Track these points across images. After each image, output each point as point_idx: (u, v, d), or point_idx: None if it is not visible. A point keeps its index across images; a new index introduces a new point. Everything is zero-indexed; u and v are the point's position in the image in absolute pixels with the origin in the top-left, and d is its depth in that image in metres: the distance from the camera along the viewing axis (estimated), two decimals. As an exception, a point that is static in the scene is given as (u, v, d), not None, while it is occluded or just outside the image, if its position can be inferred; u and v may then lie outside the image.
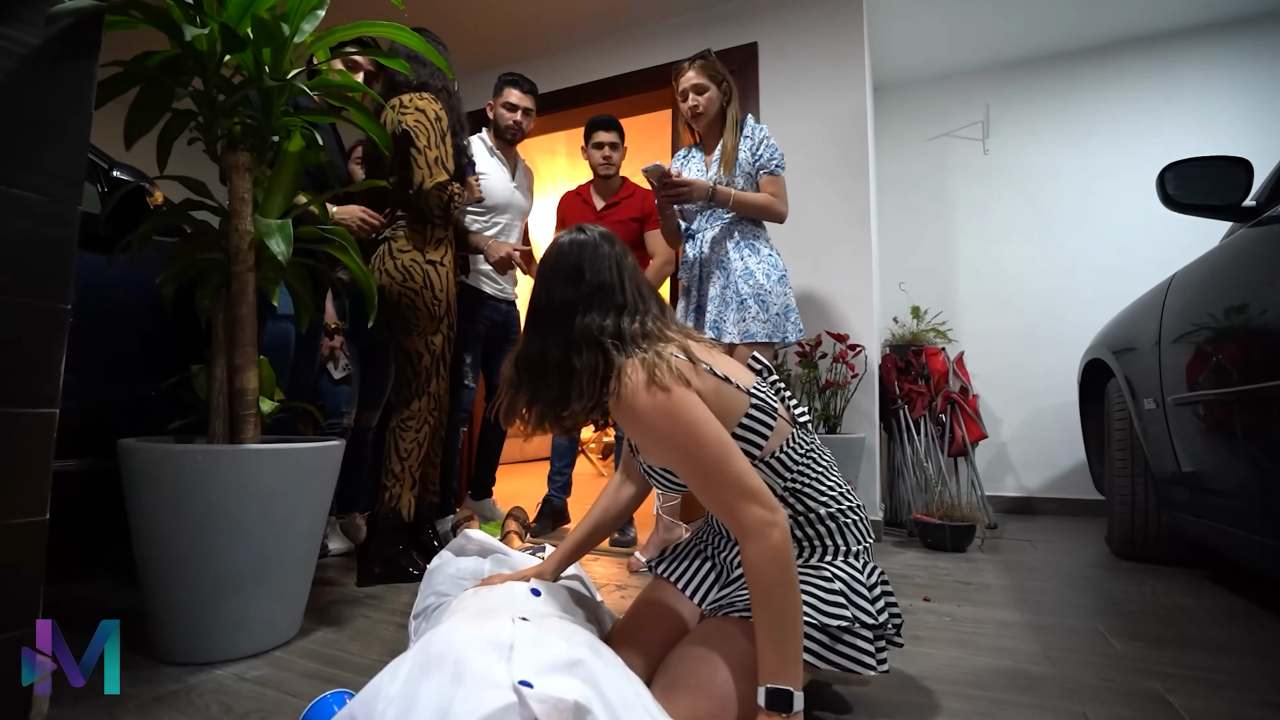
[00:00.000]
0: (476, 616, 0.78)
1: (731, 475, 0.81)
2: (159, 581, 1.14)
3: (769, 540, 0.77)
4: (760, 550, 0.77)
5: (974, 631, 1.37)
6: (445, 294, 1.80)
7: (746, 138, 1.95)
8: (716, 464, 0.81)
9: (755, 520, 0.78)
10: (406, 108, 1.75)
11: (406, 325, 1.77)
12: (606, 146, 2.50)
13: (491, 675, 0.62)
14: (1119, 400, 2.03)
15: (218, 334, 1.30)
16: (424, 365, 1.78)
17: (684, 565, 1.10)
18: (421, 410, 1.79)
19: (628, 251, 0.99)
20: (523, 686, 0.61)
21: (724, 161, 1.94)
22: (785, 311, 1.89)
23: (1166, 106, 3.04)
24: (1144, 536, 1.95)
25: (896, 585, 1.74)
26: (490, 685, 0.61)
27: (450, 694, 0.61)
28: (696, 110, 1.95)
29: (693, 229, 2.02)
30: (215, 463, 1.12)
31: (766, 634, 0.77)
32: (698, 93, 1.94)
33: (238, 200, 1.29)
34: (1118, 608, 1.55)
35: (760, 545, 0.77)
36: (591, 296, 0.92)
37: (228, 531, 1.13)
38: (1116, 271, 2.99)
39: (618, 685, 0.70)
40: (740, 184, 1.93)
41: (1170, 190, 1.40)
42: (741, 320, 1.84)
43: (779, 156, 1.94)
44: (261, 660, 1.17)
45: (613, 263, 0.95)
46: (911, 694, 1.05)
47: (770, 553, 0.77)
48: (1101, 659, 1.21)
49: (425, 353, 1.78)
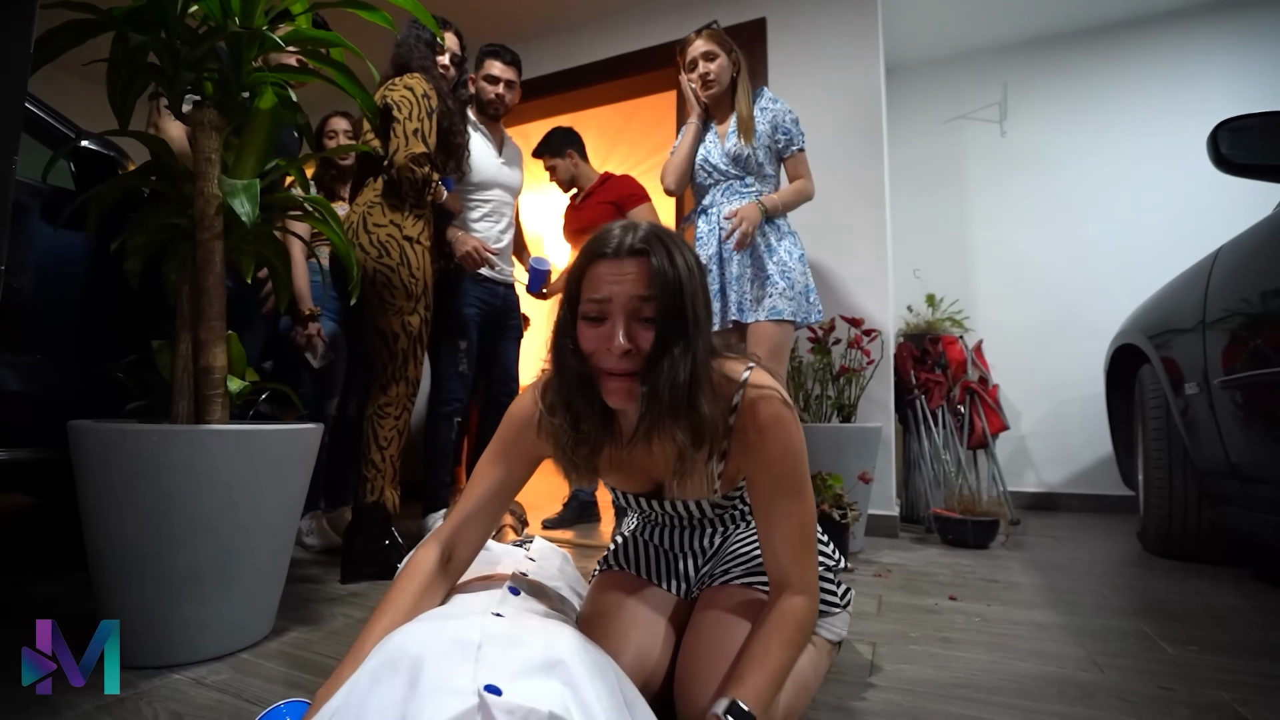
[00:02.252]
0: (444, 614, 0.67)
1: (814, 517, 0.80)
2: (111, 577, 1.03)
3: (816, 602, 0.80)
4: (810, 607, 0.78)
5: (1009, 634, 1.25)
6: (422, 272, 1.70)
7: (764, 109, 1.86)
8: (811, 500, 0.80)
9: (814, 581, 0.79)
10: (395, 85, 1.69)
11: (382, 304, 1.66)
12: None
13: (453, 680, 0.52)
14: (1154, 387, 1.90)
15: (183, 308, 1.20)
16: (400, 347, 1.67)
17: (646, 559, 1.01)
18: (400, 396, 1.69)
19: None
20: (489, 693, 0.49)
21: (743, 130, 1.82)
22: (806, 292, 1.80)
23: (1194, 85, 2.91)
24: (1182, 533, 1.82)
25: (918, 583, 1.63)
26: (451, 692, 0.50)
27: (404, 703, 0.50)
28: (708, 78, 1.84)
29: (706, 204, 1.89)
30: (172, 444, 1.01)
31: (772, 666, 0.71)
32: (708, 59, 1.84)
33: (203, 161, 1.17)
34: (1162, 609, 1.42)
35: (813, 603, 0.79)
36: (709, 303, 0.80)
37: (187, 522, 1.02)
38: (1141, 258, 2.86)
39: (603, 693, 0.59)
40: (760, 156, 1.83)
41: (1224, 150, 1.27)
42: (769, 296, 1.74)
43: (801, 134, 1.86)
44: (225, 663, 1.06)
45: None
46: (950, 703, 0.93)
47: (812, 613, 0.78)
48: (1155, 665, 1.09)
49: (402, 334, 1.68)
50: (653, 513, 0.99)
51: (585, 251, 0.75)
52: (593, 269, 0.73)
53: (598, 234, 0.75)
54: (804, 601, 0.77)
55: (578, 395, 0.77)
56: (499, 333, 2.26)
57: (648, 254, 0.71)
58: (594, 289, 0.72)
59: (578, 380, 0.76)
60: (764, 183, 1.86)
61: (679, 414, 0.72)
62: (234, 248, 1.25)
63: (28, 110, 1.43)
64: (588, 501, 2.52)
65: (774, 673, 0.71)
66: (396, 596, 0.78)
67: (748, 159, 1.83)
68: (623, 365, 0.72)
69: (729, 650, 0.77)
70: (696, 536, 1.01)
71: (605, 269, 0.72)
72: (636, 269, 0.71)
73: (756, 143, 1.83)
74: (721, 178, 1.86)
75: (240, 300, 1.64)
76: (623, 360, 0.71)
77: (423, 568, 0.82)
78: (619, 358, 0.71)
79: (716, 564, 0.95)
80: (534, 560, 1.05)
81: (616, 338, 0.70)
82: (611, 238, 0.73)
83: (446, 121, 1.78)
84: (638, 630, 0.88)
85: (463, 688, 0.51)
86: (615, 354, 0.71)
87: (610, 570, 1.01)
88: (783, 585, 0.78)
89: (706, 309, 0.76)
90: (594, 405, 0.78)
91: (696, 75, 1.86)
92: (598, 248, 0.73)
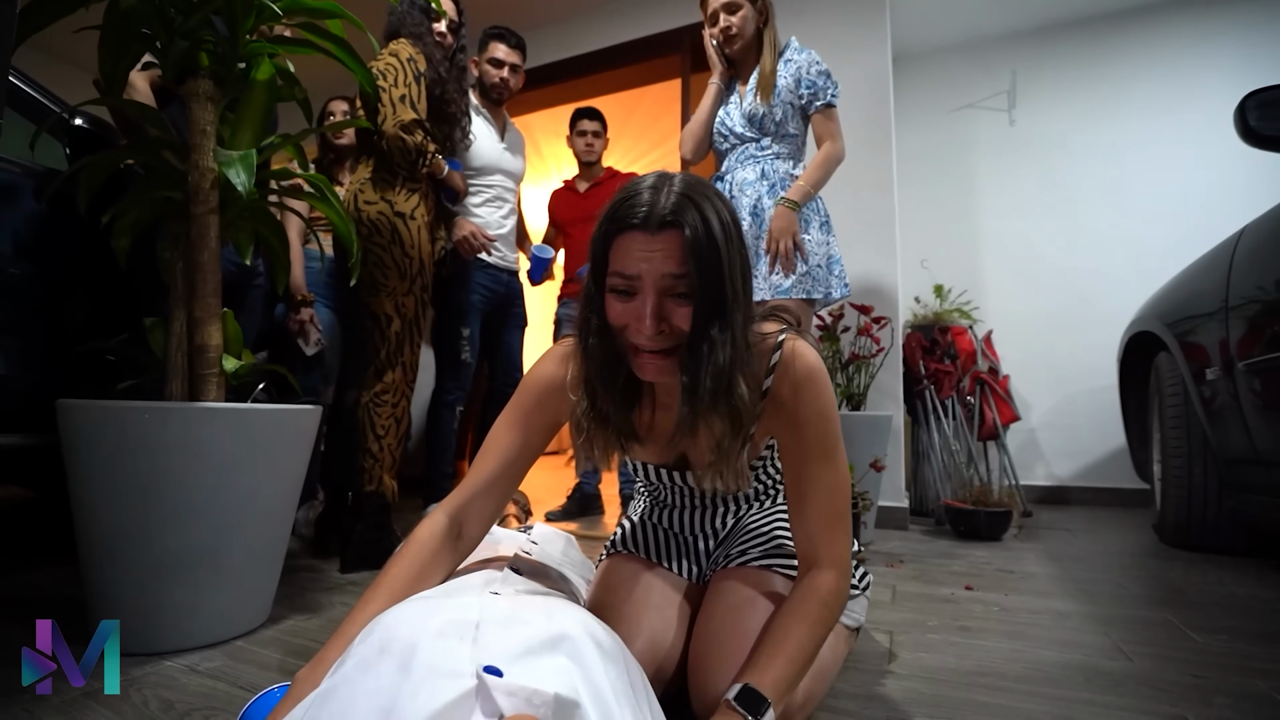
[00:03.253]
0: (438, 593, 0.63)
1: (848, 487, 0.76)
2: (100, 560, 0.99)
3: (847, 581, 0.74)
4: (840, 587, 0.73)
5: (1029, 623, 1.20)
6: (417, 250, 1.63)
7: (789, 61, 1.71)
8: (845, 469, 0.75)
9: (846, 558, 0.74)
10: (381, 55, 1.63)
11: (374, 286, 1.61)
12: (589, 134, 2.55)
13: (449, 662, 0.48)
14: (1171, 374, 1.86)
15: (176, 285, 1.16)
16: (394, 331, 1.62)
17: (656, 542, 0.97)
18: (396, 383, 1.64)
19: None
20: (489, 674, 0.45)
21: (760, 87, 1.69)
22: (827, 264, 1.65)
23: (1206, 72, 2.86)
24: (1202, 523, 1.78)
25: (932, 573, 1.59)
26: (447, 675, 0.46)
27: (395, 689, 0.46)
28: (730, 32, 1.70)
29: (721, 171, 1.79)
30: (163, 422, 0.97)
31: (792, 649, 0.67)
32: (730, 11, 1.70)
33: (198, 133, 1.14)
34: (1185, 599, 1.38)
35: (843, 582, 0.73)
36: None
37: (177, 503, 0.98)
38: (1153, 247, 2.82)
39: (613, 674, 0.55)
40: (779, 115, 1.69)
41: (1253, 122, 1.23)
42: (775, 272, 1.62)
43: (833, 85, 1.68)
44: (219, 650, 1.02)
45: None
46: (974, 691, 0.89)
47: (842, 591, 0.73)
48: (1185, 654, 1.04)
49: (396, 317, 1.62)
50: (671, 487, 0.94)
51: (612, 216, 0.67)
52: (620, 240, 0.66)
53: (624, 194, 0.67)
54: (833, 579, 0.72)
55: (602, 373, 0.72)
56: (502, 320, 2.22)
57: (680, 226, 0.64)
58: (622, 263, 0.66)
59: (603, 357, 0.71)
60: (783, 143, 1.72)
61: (718, 401, 0.67)
62: (230, 224, 1.22)
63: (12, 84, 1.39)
64: (592, 494, 2.48)
65: (795, 656, 0.66)
66: (397, 572, 0.71)
67: (763, 119, 1.70)
68: (655, 343, 0.67)
69: (746, 635, 0.73)
70: (709, 517, 0.97)
71: (634, 243, 0.65)
72: (668, 243, 0.64)
73: (777, 99, 1.68)
74: (737, 141, 1.75)
75: (235, 285, 1.61)
76: (655, 339, 0.66)
77: (429, 542, 0.74)
78: (650, 337, 0.66)
79: (731, 544, 0.91)
80: (536, 543, 1.01)
81: (646, 318, 0.65)
82: (640, 202, 0.65)
83: (439, 89, 1.72)
84: (650, 615, 0.84)
85: (459, 670, 0.47)
86: (646, 334, 0.66)
87: (618, 554, 0.96)
88: (811, 560, 0.74)
89: (745, 277, 0.69)
90: (617, 383, 0.73)
91: (718, 30, 1.73)
92: (626, 215, 0.65)
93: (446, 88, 1.73)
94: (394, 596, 0.67)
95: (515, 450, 0.80)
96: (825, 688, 0.82)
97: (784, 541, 0.87)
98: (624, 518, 1.05)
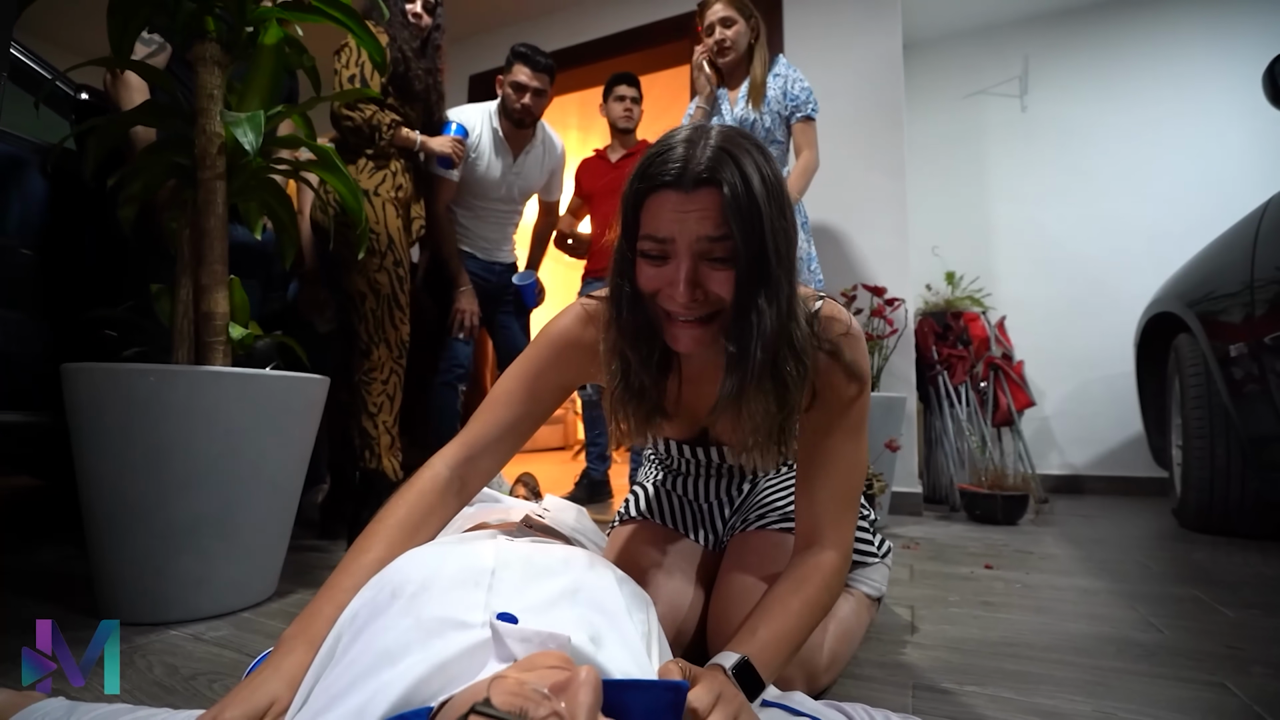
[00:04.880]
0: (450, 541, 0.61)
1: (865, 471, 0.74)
2: (105, 529, 0.97)
3: (847, 567, 0.71)
4: (842, 571, 0.69)
5: (1055, 599, 1.17)
6: (383, 226, 1.65)
7: (778, 75, 1.84)
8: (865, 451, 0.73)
9: (850, 542, 0.71)
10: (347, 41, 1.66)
11: (346, 264, 1.62)
12: (628, 100, 2.44)
13: (461, 610, 0.45)
14: (1192, 355, 1.82)
15: (183, 251, 1.14)
16: (369, 308, 1.62)
17: (670, 509, 0.94)
18: (384, 360, 1.63)
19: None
20: (503, 621, 0.43)
21: (752, 95, 1.81)
22: (807, 260, 1.75)
23: (1224, 53, 2.82)
24: (1224, 506, 1.74)
25: (949, 554, 1.56)
26: (457, 624, 0.44)
27: (404, 636, 0.43)
28: (724, 45, 1.82)
29: None
30: (169, 387, 0.95)
31: (788, 625, 0.62)
32: (725, 25, 1.82)
33: (205, 97, 1.12)
34: (1212, 577, 1.34)
35: (845, 567, 0.70)
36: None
37: (183, 470, 0.96)
38: (1169, 232, 2.78)
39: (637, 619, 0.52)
40: (768, 122, 1.82)
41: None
42: None
43: (814, 100, 1.83)
44: (225, 621, 1.00)
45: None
46: (1003, 660, 0.86)
47: (842, 574, 0.69)
48: (1217, 627, 1.01)
49: (369, 293, 1.62)
50: (691, 460, 0.91)
51: (642, 174, 0.61)
52: (652, 200, 0.60)
53: (657, 148, 0.61)
54: (837, 561, 0.67)
55: (637, 344, 0.66)
56: (496, 306, 2.19)
57: (718, 184, 0.57)
58: (654, 225, 0.60)
59: (637, 327, 0.66)
60: (772, 150, 1.82)
61: (765, 376, 0.61)
62: (237, 192, 1.20)
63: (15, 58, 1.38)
64: (600, 481, 2.46)
65: (789, 633, 0.61)
66: (394, 521, 0.65)
67: (754, 125, 1.81)
68: (690, 311, 0.61)
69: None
70: (725, 485, 0.94)
71: (666, 203, 0.59)
72: (705, 203, 0.58)
73: (766, 108, 1.81)
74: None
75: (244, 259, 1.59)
76: (690, 306, 0.61)
77: (429, 494, 0.68)
78: (685, 305, 0.61)
79: (748, 510, 0.89)
80: (549, 510, 0.99)
81: (680, 284, 0.59)
82: (673, 157, 0.59)
83: (403, 67, 1.70)
84: (668, 579, 0.81)
85: (472, 619, 0.44)
86: (680, 301, 0.60)
87: (632, 520, 0.94)
88: (813, 539, 0.69)
89: (789, 237, 0.61)
90: (654, 356, 0.68)
91: (713, 42, 1.83)
92: (657, 172, 0.59)
93: (411, 66, 1.71)
94: (392, 546, 0.62)
95: (524, 408, 0.74)
96: (850, 651, 0.79)
97: None
98: (635, 485, 1.02)
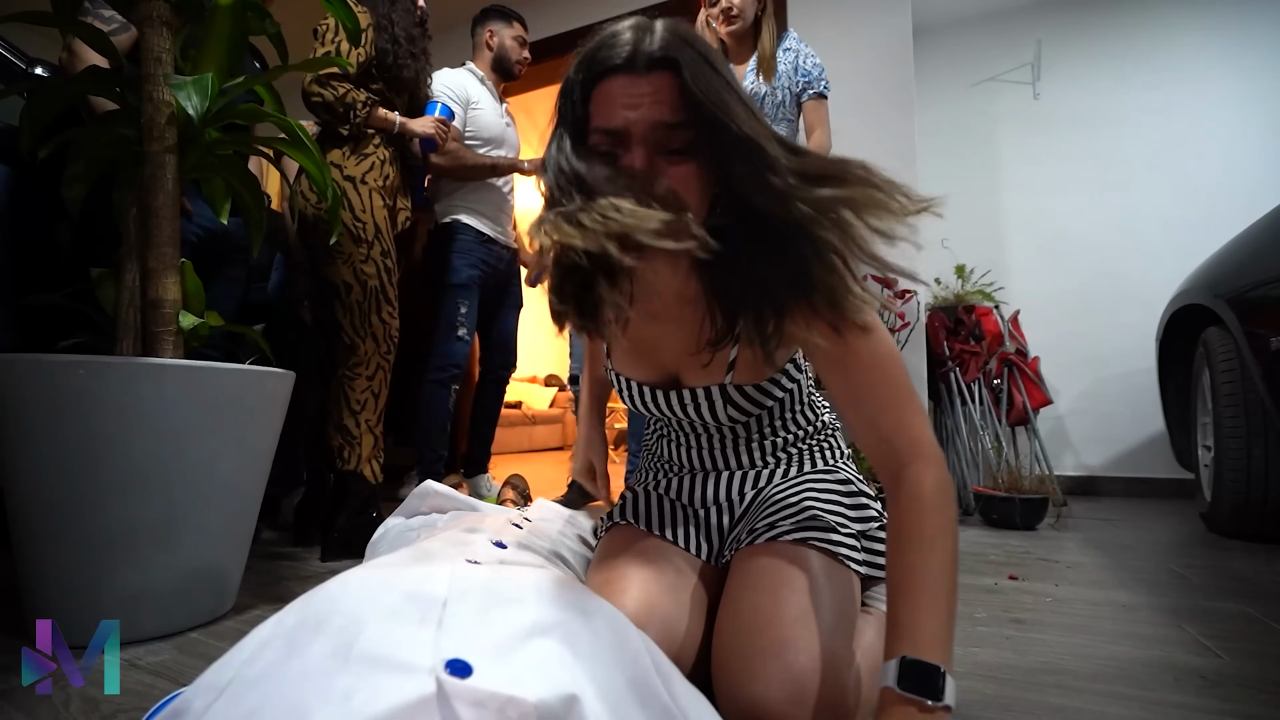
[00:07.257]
0: (406, 558, 0.50)
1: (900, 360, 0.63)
2: (33, 538, 0.87)
3: (944, 468, 0.57)
4: (939, 477, 0.56)
5: (1091, 615, 1.06)
6: (369, 215, 1.55)
7: (788, 49, 1.74)
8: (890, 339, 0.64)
9: (930, 438, 0.58)
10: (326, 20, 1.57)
11: (329, 252, 1.52)
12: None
13: (402, 651, 0.34)
14: (1224, 349, 1.71)
15: (129, 232, 1.03)
16: (354, 300, 1.52)
17: (661, 513, 0.83)
18: (369, 354, 1.53)
19: None
20: (451, 674, 0.32)
21: (762, 68, 1.71)
22: None
23: (1245, 38, 2.70)
24: (1261, 509, 1.63)
25: (968, 562, 1.44)
26: (397, 668, 0.33)
27: (325, 682, 0.33)
28: (730, 14, 1.70)
29: None
30: (103, 380, 0.85)
31: (916, 585, 0.51)
32: None
33: (151, 61, 1.01)
34: (1259, 589, 1.23)
35: (940, 472, 0.56)
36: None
37: (121, 472, 0.86)
38: (1189, 223, 2.66)
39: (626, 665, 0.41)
40: (779, 97, 1.72)
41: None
42: None
43: (826, 77, 1.73)
44: (169, 643, 0.89)
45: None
46: (1046, 693, 0.75)
47: (946, 483, 0.56)
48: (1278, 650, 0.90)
49: (355, 284, 1.53)
50: (667, 418, 0.82)
51: (587, 60, 0.55)
52: (601, 89, 0.54)
53: (600, 37, 0.55)
54: (929, 471, 0.55)
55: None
56: (500, 299, 2.11)
57: (674, 64, 0.52)
58: (603, 115, 0.54)
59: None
60: (783, 126, 1.73)
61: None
62: (192, 169, 1.09)
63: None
64: None
65: (934, 591, 0.50)
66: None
67: (764, 99, 1.71)
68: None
69: (787, 623, 0.60)
70: (726, 487, 0.83)
71: (616, 87, 0.53)
72: (659, 85, 0.52)
73: (778, 81, 1.71)
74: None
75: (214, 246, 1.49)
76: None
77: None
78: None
79: (754, 518, 0.77)
80: (529, 519, 0.88)
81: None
82: (621, 41, 0.53)
83: (391, 58, 1.63)
84: (661, 597, 0.70)
85: (415, 662, 0.34)
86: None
87: (620, 525, 0.83)
88: (892, 462, 0.58)
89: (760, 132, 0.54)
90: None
91: (718, 9, 1.71)
92: (605, 57, 0.53)
93: (399, 51, 1.64)
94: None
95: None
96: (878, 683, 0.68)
97: (819, 513, 0.73)
98: (627, 488, 0.92)
